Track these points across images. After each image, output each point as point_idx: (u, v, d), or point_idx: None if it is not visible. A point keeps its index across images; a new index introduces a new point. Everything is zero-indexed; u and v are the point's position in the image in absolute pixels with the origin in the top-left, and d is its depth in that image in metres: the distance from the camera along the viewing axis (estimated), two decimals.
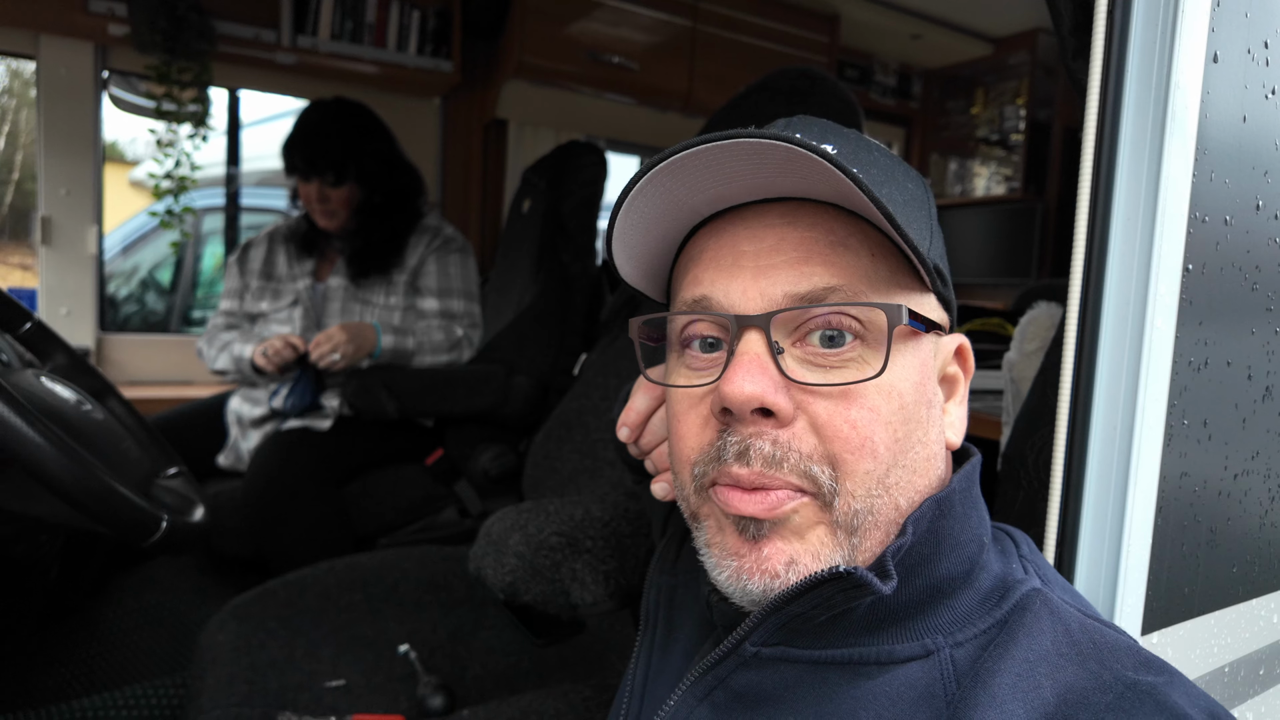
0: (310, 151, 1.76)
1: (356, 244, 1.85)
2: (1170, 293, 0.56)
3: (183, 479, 0.99)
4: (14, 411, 0.62)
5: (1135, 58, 0.56)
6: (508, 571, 0.79)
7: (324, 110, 1.80)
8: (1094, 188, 0.56)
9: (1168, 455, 0.57)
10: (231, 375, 1.83)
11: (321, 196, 1.79)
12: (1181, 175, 0.56)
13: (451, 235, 1.95)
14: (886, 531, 0.45)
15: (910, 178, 0.51)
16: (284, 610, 1.19)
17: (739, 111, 1.29)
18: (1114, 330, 0.56)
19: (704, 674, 0.49)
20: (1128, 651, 0.42)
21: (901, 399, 0.45)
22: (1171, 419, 0.57)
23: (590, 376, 1.43)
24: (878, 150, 0.51)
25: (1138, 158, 0.55)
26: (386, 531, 1.79)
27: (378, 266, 1.86)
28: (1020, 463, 0.74)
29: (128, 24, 1.99)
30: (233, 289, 1.93)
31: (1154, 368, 0.55)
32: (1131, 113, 0.56)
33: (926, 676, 0.44)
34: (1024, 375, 0.80)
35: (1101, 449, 0.56)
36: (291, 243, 1.91)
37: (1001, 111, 3.33)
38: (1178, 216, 0.56)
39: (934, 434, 0.47)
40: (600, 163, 2.03)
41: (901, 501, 0.45)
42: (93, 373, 1.00)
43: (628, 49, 2.47)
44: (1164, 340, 0.56)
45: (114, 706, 1.31)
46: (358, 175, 1.80)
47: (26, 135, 2.86)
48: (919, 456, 0.46)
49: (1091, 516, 0.57)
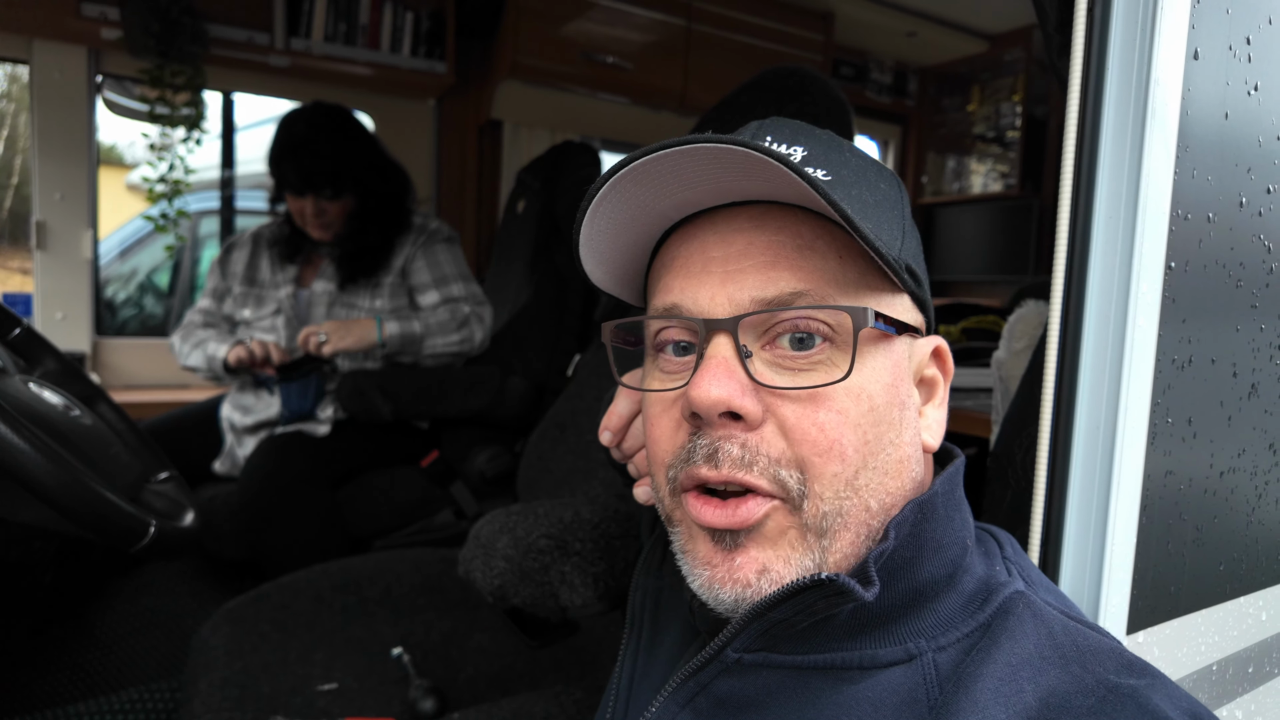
0: (304, 167, 1.71)
1: (348, 248, 1.83)
2: (1153, 290, 0.56)
3: (173, 483, 0.99)
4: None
5: (1115, 55, 0.55)
6: (496, 574, 0.79)
7: (309, 121, 1.75)
8: (1075, 186, 0.56)
9: (1152, 454, 0.57)
10: (202, 373, 1.80)
11: (318, 211, 1.75)
12: (1163, 172, 0.55)
13: (436, 228, 1.93)
14: (856, 533, 0.45)
15: (883, 178, 0.51)
16: (277, 614, 1.19)
17: (730, 111, 1.28)
18: (1096, 329, 0.56)
19: (686, 680, 0.49)
20: (1110, 654, 0.41)
21: (871, 401, 0.44)
22: (1155, 417, 0.57)
23: (584, 377, 1.43)
24: (849, 151, 0.50)
25: (1119, 155, 0.55)
26: (382, 534, 1.79)
27: (366, 270, 1.84)
28: (1008, 461, 0.74)
29: (120, 28, 1.99)
30: (213, 289, 1.90)
31: (1136, 366, 0.55)
32: (1112, 110, 0.56)
33: (909, 681, 0.43)
34: (1012, 374, 0.80)
35: (1085, 448, 0.56)
36: (275, 248, 1.87)
37: (998, 108, 3.33)
38: (1159, 214, 0.55)
39: (907, 436, 0.47)
40: (594, 163, 2.03)
41: (872, 503, 0.45)
42: (82, 378, 0.99)
43: (622, 49, 2.47)
44: (1147, 338, 0.56)
45: (110, 711, 1.31)
46: (353, 185, 1.77)
47: (27, 139, 2.86)
48: (890, 459, 0.46)
49: (1076, 516, 0.57)
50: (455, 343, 1.84)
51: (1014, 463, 0.73)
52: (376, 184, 1.82)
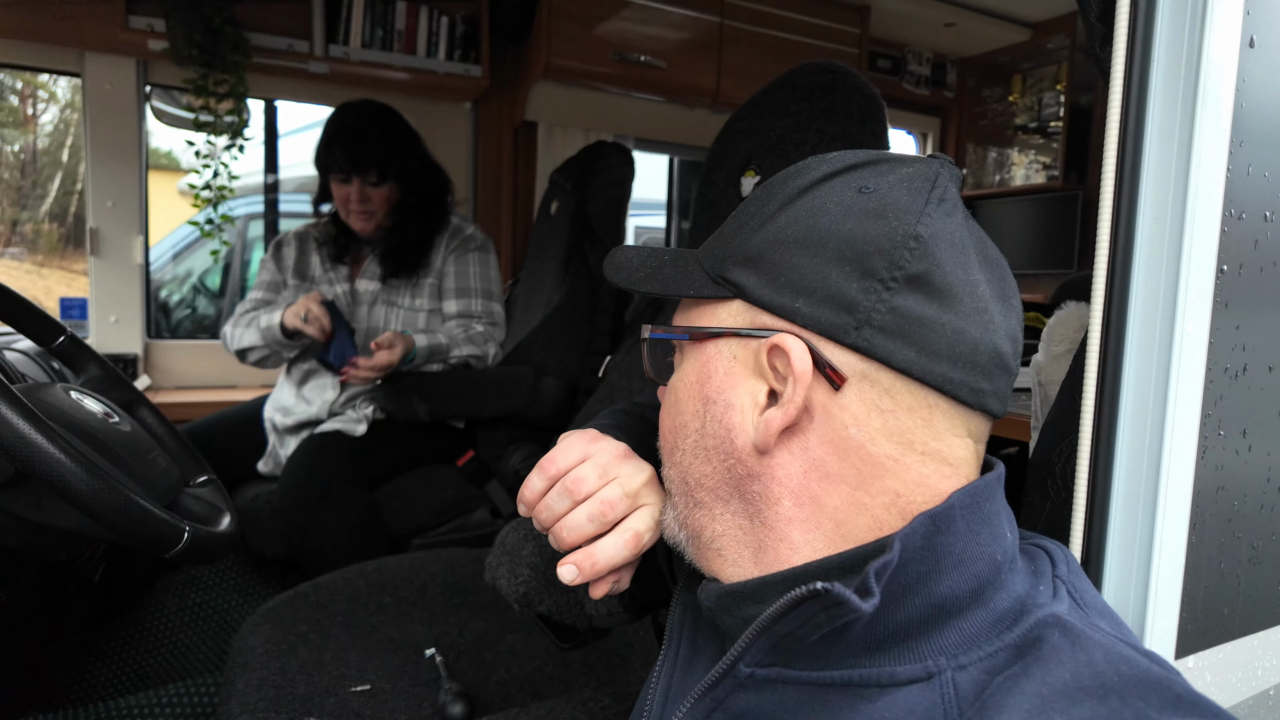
0: (354, 149, 1.76)
1: (391, 243, 1.87)
2: (1203, 295, 0.53)
3: (211, 487, 1.01)
4: (33, 427, 0.64)
5: (1162, 44, 0.52)
6: (521, 582, 0.79)
7: (361, 110, 1.82)
8: (1118, 185, 0.53)
9: (1202, 468, 0.54)
10: (257, 351, 1.82)
11: (363, 197, 1.80)
12: (1214, 169, 0.52)
13: (470, 234, 1.96)
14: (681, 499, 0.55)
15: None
16: (314, 613, 1.21)
17: (760, 109, 1.26)
18: (1141, 335, 0.53)
19: (702, 696, 0.48)
20: (1158, 686, 0.38)
21: (675, 394, 0.56)
22: (1206, 429, 0.54)
23: (614, 380, 1.42)
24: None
25: (1165, 152, 0.52)
26: (419, 532, 1.81)
27: (408, 266, 1.88)
28: (1047, 471, 0.71)
29: (166, 39, 2.05)
30: (268, 281, 1.94)
31: (1185, 375, 0.52)
32: (1159, 103, 0.52)
33: (926, 700, 0.42)
34: (1052, 379, 0.76)
35: (1129, 461, 0.53)
36: (325, 247, 1.93)
37: (1040, 98, 3.22)
38: (1210, 213, 0.52)
39: (711, 428, 0.53)
40: (627, 163, 2.02)
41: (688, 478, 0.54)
42: (124, 384, 1.02)
43: (655, 47, 2.45)
44: (1196, 345, 0.53)
45: (158, 704, 1.35)
46: (398, 174, 1.82)
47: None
48: (693, 444, 0.54)
49: (1118, 533, 0.54)
50: (471, 355, 1.88)
51: (1054, 473, 0.70)
52: (420, 176, 1.87)
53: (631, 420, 0.70)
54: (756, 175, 1.22)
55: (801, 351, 0.46)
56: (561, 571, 0.58)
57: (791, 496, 0.48)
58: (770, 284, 0.48)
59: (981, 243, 0.50)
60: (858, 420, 0.46)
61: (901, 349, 0.45)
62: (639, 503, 0.60)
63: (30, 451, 0.63)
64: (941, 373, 0.46)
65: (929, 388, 0.46)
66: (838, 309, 0.46)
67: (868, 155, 0.51)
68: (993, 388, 0.48)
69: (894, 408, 0.46)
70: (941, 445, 0.47)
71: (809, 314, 0.47)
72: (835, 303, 0.46)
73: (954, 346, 0.46)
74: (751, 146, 1.25)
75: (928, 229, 0.46)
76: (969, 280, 0.47)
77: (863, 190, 0.48)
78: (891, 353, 0.45)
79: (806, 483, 0.48)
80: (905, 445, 0.46)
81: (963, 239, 0.48)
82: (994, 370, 0.47)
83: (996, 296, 0.48)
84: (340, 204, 1.84)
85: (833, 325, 0.46)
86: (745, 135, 1.27)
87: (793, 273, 0.48)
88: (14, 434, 0.63)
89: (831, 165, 0.51)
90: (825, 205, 0.49)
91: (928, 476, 0.46)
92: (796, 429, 0.48)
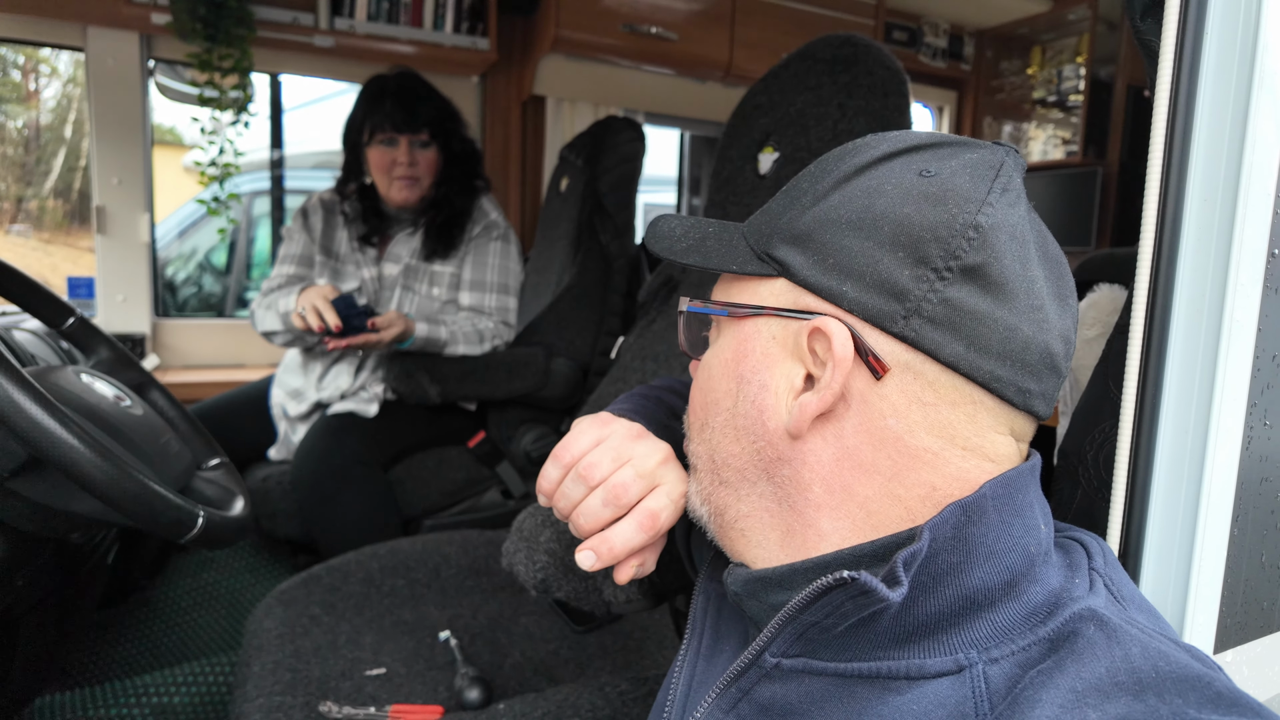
0: (408, 105, 1.74)
1: (435, 216, 1.85)
2: (1253, 281, 0.50)
3: (224, 470, 1.00)
4: (48, 413, 0.63)
5: (1216, 15, 0.50)
6: (539, 568, 0.78)
7: (403, 75, 1.81)
8: (1165, 165, 0.51)
9: (1246, 459, 0.52)
10: (279, 335, 1.78)
11: (411, 160, 1.78)
12: (1269, 150, 0.50)
13: (494, 220, 1.93)
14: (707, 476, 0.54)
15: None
16: (328, 595, 1.21)
17: (778, 83, 1.23)
18: (1187, 321, 0.51)
19: (729, 685, 0.48)
20: (1197, 683, 0.37)
21: (709, 372, 0.55)
22: (1252, 419, 0.52)
23: (627, 360, 1.41)
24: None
25: (1217, 131, 0.50)
26: (431, 513, 1.81)
27: (448, 242, 1.86)
28: (1079, 459, 0.69)
29: (169, 13, 2.01)
30: (298, 254, 1.85)
31: (1232, 363, 0.50)
32: (1210, 79, 0.50)
33: (956, 694, 0.40)
34: (1083, 364, 0.74)
35: (1171, 451, 0.52)
36: (354, 224, 1.89)
37: (1060, 71, 3.15)
38: (1264, 196, 0.50)
39: (743, 408, 0.52)
40: (638, 138, 1.99)
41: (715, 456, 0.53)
42: (135, 366, 1.01)
43: (666, 19, 2.40)
44: (1245, 333, 0.51)
45: (175, 683, 1.36)
46: (444, 140, 1.81)
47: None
48: (723, 423, 0.53)
49: (1158, 525, 0.52)
50: (467, 355, 1.85)
51: (1085, 460, 0.68)
52: (462, 141, 1.86)
53: (648, 403, 0.68)
54: (775, 151, 1.19)
55: (844, 337, 0.44)
56: (579, 557, 0.58)
57: (822, 483, 0.47)
58: (818, 264, 0.46)
59: (1042, 237, 0.47)
60: (897, 411, 0.45)
61: (950, 342, 0.43)
62: (655, 482, 0.59)
63: (44, 437, 0.62)
64: (989, 369, 0.44)
65: (975, 384, 0.44)
66: (887, 296, 0.44)
67: (931, 137, 0.49)
68: (1040, 389, 0.45)
69: (936, 401, 0.44)
70: (984, 441, 0.45)
71: (856, 299, 0.45)
72: (885, 289, 0.44)
73: (1005, 343, 0.43)
74: (770, 121, 1.22)
75: (988, 219, 0.44)
76: (1027, 276, 0.44)
77: (923, 174, 0.46)
78: (940, 345, 0.43)
79: (838, 470, 0.46)
80: (947, 439, 0.44)
81: (1024, 232, 0.45)
82: (1043, 371, 0.45)
83: (1053, 294, 0.46)
84: (382, 170, 1.79)
85: (880, 312, 0.44)
86: (764, 110, 1.24)
87: (842, 254, 0.46)
88: (28, 420, 0.62)
89: (892, 145, 0.48)
90: (882, 186, 0.46)
91: (968, 471, 0.45)
92: (831, 415, 0.46)
